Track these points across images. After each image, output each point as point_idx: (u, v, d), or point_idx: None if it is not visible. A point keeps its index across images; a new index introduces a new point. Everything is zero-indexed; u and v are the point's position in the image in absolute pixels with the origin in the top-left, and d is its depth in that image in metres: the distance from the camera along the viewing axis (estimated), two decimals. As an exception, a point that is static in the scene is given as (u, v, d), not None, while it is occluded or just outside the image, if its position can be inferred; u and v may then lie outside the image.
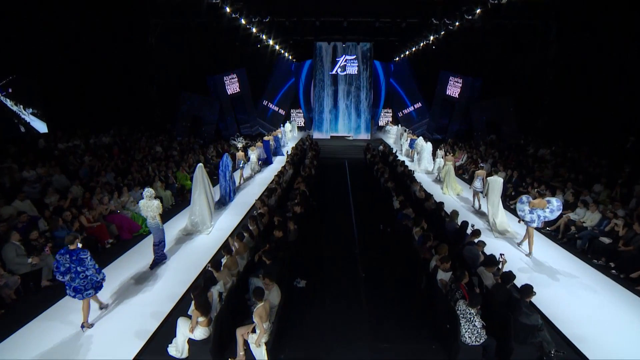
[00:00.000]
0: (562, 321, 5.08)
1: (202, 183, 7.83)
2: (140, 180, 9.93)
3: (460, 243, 6.48)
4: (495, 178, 8.30)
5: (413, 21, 15.28)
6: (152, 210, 6.20)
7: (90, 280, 4.63)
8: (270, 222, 7.27)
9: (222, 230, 8.20)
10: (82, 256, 4.55)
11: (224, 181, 9.70)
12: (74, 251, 4.51)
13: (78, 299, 4.63)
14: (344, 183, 13.18)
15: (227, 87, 19.76)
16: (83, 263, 4.55)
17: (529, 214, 7.03)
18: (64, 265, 4.45)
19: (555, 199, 7.11)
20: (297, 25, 15.58)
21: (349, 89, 21.67)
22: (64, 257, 4.45)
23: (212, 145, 15.31)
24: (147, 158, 11.92)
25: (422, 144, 14.29)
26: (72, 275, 4.50)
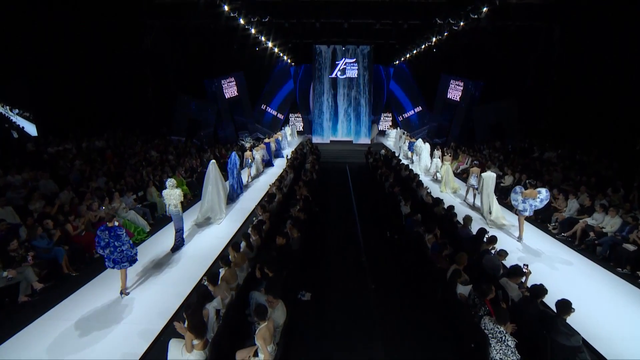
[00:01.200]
0: (597, 338, 4.58)
1: (215, 178, 8.39)
2: (134, 185, 9.40)
3: (476, 251, 5.99)
4: (489, 174, 8.68)
5: (415, 23, 14.93)
6: (174, 198, 6.83)
7: (126, 255, 5.20)
8: (272, 229, 6.76)
9: (219, 239, 7.67)
10: (119, 232, 5.15)
11: (232, 178, 10.06)
12: (112, 228, 5.10)
13: (116, 269, 5.23)
14: (346, 188, 12.70)
15: (225, 90, 19.33)
16: (119, 239, 5.15)
17: (522, 204, 7.45)
18: (104, 240, 5.06)
19: (545, 190, 7.49)
20: (297, 27, 15.18)
21: (349, 92, 21.27)
22: (104, 233, 5.06)
23: (209, 149, 14.81)
24: (142, 162, 11.40)
25: (420, 145, 14.36)
26: (110, 249, 5.09)
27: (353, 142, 21.60)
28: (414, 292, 5.87)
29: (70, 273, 5.87)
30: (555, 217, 8.62)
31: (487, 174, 8.65)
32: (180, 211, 6.94)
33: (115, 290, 5.48)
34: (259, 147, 13.83)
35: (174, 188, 6.85)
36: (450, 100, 19.31)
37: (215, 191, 8.39)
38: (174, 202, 6.83)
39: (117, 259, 5.14)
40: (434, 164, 13.03)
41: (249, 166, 12.02)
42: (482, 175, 8.76)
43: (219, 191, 8.47)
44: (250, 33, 13.35)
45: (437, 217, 7.60)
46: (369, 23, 15.93)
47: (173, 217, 6.94)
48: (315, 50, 20.60)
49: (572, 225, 7.98)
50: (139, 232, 7.71)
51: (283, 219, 7.90)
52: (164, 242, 7.44)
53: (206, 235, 7.91)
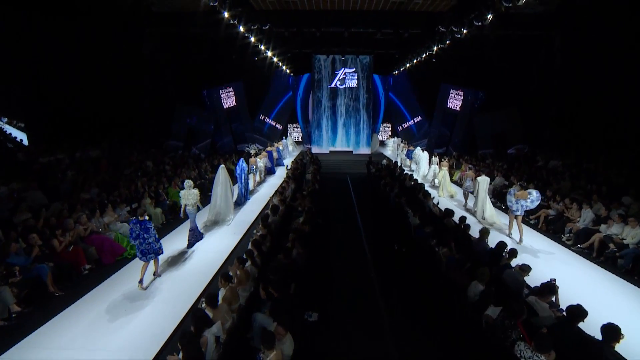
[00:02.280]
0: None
1: (224, 182, 8.71)
2: (128, 196, 8.90)
3: (494, 266, 5.54)
4: (483, 178, 9.22)
5: (415, 32, 14.79)
6: (192, 198, 7.20)
7: (152, 247, 5.62)
8: (275, 244, 6.28)
9: (218, 253, 7.14)
10: (148, 226, 5.60)
11: (240, 183, 10.31)
12: (143, 222, 5.54)
13: (143, 261, 5.61)
14: (349, 199, 12.27)
15: (224, 100, 19.03)
16: (148, 231, 5.57)
17: (515, 204, 7.74)
18: (135, 232, 5.50)
19: (535, 191, 7.80)
20: (296, 36, 14.98)
21: (349, 102, 21.01)
22: (136, 225, 5.51)
23: (206, 160, 14.37)
24: (137, 173, 10.92)
25: (419, 153, 14.52)
26: (140, 241, 5.50)
27: (353, 153, 21.23)
28: (430, 311, 5.38)
29: (54, 292, 5.32)
30: (569, 228, 8.20)
31: (482, 177, 9.18)
32: (196, 210, 7.37)
33: (103, 311, 4.96)
34: (262, 155, 14.07)
35: (191, 189, 7.28)
36: (450, 110, 19.10)
37: (224, 194, 8.74)
38: (191, 202, 7.22)
39: (144, 250, 5.58)
40: (432, 170, 13.14)
41: (254, 172, 12.39)
42: (477, 179, 9.34)
43: (227, 194, 8.82)
44: (249, 42, 13.08)
45: (449, 229, 7.15)
46: (368, 33, 15.80)
47: (190, 216, 7.33)
48: (315, 60, 20.41)
49: (589, 237, 7.55)
50: (132, 247, 7.15)
51: (285, 232, 7.44)
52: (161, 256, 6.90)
53: (204, 248, 7.39)
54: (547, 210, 9.10)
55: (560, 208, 8.81)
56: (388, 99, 22.78)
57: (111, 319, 4.83)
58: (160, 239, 7.74)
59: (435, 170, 12.79)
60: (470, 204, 10.18)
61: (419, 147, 15.43)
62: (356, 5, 14.17)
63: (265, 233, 6.21)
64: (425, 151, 14.79)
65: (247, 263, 5.24)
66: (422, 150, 14.82)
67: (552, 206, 9.09)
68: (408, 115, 22.34)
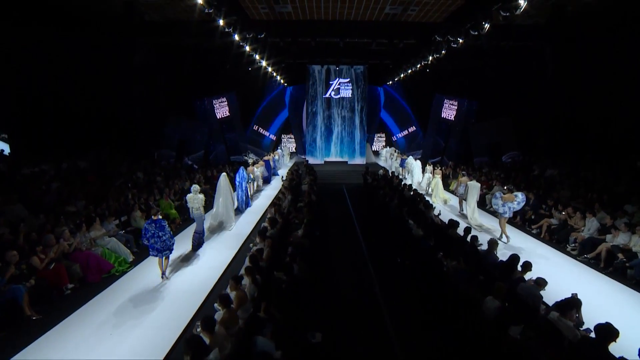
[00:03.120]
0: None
1: (225, 189, 8.96)
2: (117, 209, 8.43)
3: (507, 279, 5.24)
4: (474, 183, 9.83)
5: (410, 42, 14.79)
6: (197, 202, 7.51)
7: (166, 244, 5.94)
8: (273, 259, 5.89)
9: (212, 269, 6.70)
10: (163, 224, 5.95)
11: (240, 191, 10.45)
12: (157, 220, 5.90)
13: (158, 257, 5.98)
14: (346, 210, 11.94)
15: (217, 110, 18.71)
16: (163, 229, 5.91)
17: (502, 207, 8.16)
18: (150, 231, 5.80)
19: (521, 194, 8.26)
20: (292, 46, 14.84)
21: (343, 112, 20.89)
22: (151, 225, 5.83)
23: (200, 171, 13.94)
24: (127, 184, 10.44)
25: (412, 162, 14.72)
26: (155, 239, 5.81)
27: (348, 163, 21.00)
28: (441, 329, 5.03)
29: (31, 316, 4.81)
30: (574, 237, 7.99)
31: (472, 183, 9.83)
32: (202, 214, 7.61)
33: (85, 336, 4.49)
34: (259, 164, 14.16)
35: (198, 193, 7.58)
36: (444, 120, 19.09)
37: (224, 201, 8.95)
38: (196, 206, 7.49)
39: (159, 248, 5.89)
40: (426, 178, 13.39)
41: (251, 181, 12.50)
42: (467, 184, 9.83)
43: (228, 201, 9.04)
44: (244, 51, 12.88)
45: (455, 241, 6.86)
46: (363, 43, 15.76)
47: (196, 220, 7.57)
48: (309, 70, 20.31)
49: (595, 246, 7.35)
50: (120, 263, 6.71)
51: (284, 245, 7.06)
52: (150, 273, 6.44)
53: (197, 264, 6.95)
54: (549, 220, 8.91)
55: (563, 217, 8.63)
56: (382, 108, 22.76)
57: (94, 344, 4.36)
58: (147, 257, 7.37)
59: (429, 178, 13.07)
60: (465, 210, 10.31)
61: (411, 156, 15.65)
62: (350, 16, 14.15)
63: (262, 247, 5.81)
64: (418, 160, 15.02)
65: (244, 280, 4.85)
66: (415, 159, 14.99)
67: (554, 215, 8.90)
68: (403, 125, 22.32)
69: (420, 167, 14.34)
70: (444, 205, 11.63)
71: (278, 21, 14.12)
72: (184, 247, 7.57)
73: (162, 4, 12.63)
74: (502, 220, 8.24)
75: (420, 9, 13.25)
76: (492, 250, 6.00)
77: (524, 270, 5.21)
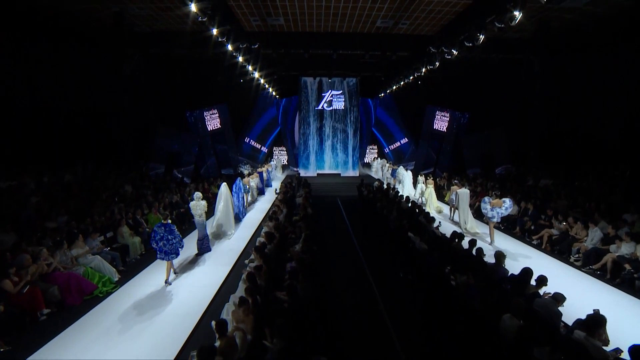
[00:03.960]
0: None
1: (226, 198, 9.16)
2: (105, 223, 7.90)
3: (520, 294, 4.94)
4: (463, 190, 10.06)
5: (403, 54, 14.85)
6: (200, 209, 7.73)
7: (174, 247, 6.15)
8: (272, 277, 5.48)
9: (206, 287, 6.23)
10: (172, 228, 6.18)
11: (237, 201, 10.50)
12: (167, 224, 6.14)
13: (165, 260, 6.15)
14: (342, 223, 11.59)
15: (208, 122, 18.27)
16: (173, 233, 6.14)
17: (490, 212, 8.58)
18: (159, 234, 5.99)
19: (508, 199, 8.66)
20: (284, 57, 14.71)
21: (336, 124, 20.73)
22: (161, 228, 6.05)
23: (192, 184, 13.45)
24: (114, 198, 9.89)
25: (403, 172, 14.87)
26: (164, 242, 6.01)
27: (341, 175, 20.73)
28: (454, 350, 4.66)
29: None
30: (577, 248, 7.82)
31: (462, 190, 10.06)
32: (204, 220, 7.84)
33: None
34: (254, 176, 14.27)
35: (200, 200, 7.84)
36: (436, 132, 19.11)
37: (224, 209, 9.14)
38: (199, 212, 7.73)
39: (168, 251, 6.10)
40: (419, 189, 13.45)
41: (247, 192, 12.59)
42: (457, 192, 10.08)
43: (229, 209, 9.24)
44: (236, 62, 12.66)
45: (460, 254, 6.56)
46: (355, 55, 15.77)
47: (197, 227, 7.81)
48: (301, 82, 20.19)
49: (600, 257, 7.17)
50: (104, 283, 6.17)
51: (281, 261, 6.65)
52: (137, 293, 5.94)
53: (189, 283, 6.45)
54: (550, 230, 8.74)
55: (563, 227, 8.47)
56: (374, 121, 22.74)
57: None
58: (139, 273, 6.87)
59: (422, 188, 13.24)
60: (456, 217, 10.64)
61: (402, 166, 15.90)
62: (342, 29, 14.15)
63: (260, 264, 5.40)
64: (409, 170, 15.15)
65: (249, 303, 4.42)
66: (406, 169, 15.14)
67: (555, 226, 8.74)
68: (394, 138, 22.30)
69: (411, 177, 14.54)
70: (438, 214, 11.78)
71: (271, 32, 13.99)
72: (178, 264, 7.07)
73: (153, 15, 12.36)
74: (491, 225, 8.80)
75: (411, 22, 13.34)
76: (501, 263, 5.73)
77: (538, 285, 4.92)
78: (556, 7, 11.23)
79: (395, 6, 11.73)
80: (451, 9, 11.88)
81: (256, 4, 11.44)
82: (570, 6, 11.28)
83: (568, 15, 12.22)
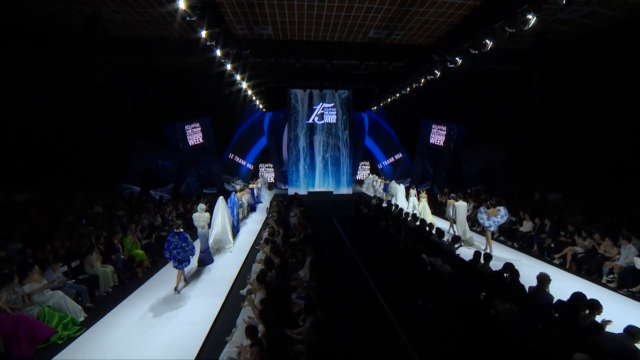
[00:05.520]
0: None
1: (223, 212, 9.31)
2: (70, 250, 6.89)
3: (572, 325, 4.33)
4: (461, 203, 10.45)
5: (400, 65, 14.68)
6: (203, 220, 7.99)
7: (187, 255, 6.59)
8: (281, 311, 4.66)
9: (195, 326, 5.30)
10: (185, 236, 6.70)
11: (232, 216, 10.54)
12: (180, 233, 6.62)
13: (179, 268, 6.56)
14: (342, 245, 10.85)
15: (189, 137, 17.46)
16: (186, 240, 6.64)
17: (487, 221, 9.04)
18: (173, 243, 6.47)
19: (503, 208, 9.17)
20: (274, 67, 14.23)
21: (327, 139, 20.23)
22: (175, 237, 6.52)
23: (171, 204, 12.47)
24: (81, 220, 8.84)
25: (395, 186, 15.21)
26: (178, 250, 6.47)
27: (333, 193, 20.07)
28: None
29: None
30: (609, 267, 7.36)
31: (459, 203, 10.45)
32: (207, 232, 8.17)
33: None
34: (245, 191, 14.25)
35: (204, 212, 8.07)
36: (433, 146, 18.94)
37: (222, 223, 9.24)
38: (202, 224, 7.96)
39: (181, 259, 6.45)
40: (411, 203, 13.64)
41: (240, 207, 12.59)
42: (455, 205, 10.46)
43: (226, 223, 9.33)
44: (223, 71, 12.10)
45: (490, 278, 5.94)
46: (348, 66, 15.52)
47: (200, 238, 7.97)
48: (291, 94, 19.74)
49: (638, 277, 6.72)
50: (66, 325, 5.15)
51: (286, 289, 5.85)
52: (108, 337, 4.97)
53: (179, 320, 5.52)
54: (573, 248, 8.30)
55: (589, 244, 8.05)
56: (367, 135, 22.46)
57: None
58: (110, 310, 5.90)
59: (415, 203, 13.41)
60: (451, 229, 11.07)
61: (393, 181, 16.30)
62: (333, 39, 13.90)
63: (266, 296, 4.57)
64: (401, 184, 15.42)
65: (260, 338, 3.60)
66: (398, 183, 15.48)
67: (578, 243, 8.32)
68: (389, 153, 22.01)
69: (403, 191, 14.85)
70: None
71: (261, 40, 13.56)
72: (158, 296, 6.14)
73: (130, 20, 11.67)
74: (488, 234, 9.18)
75: (405, 33, 13.25)
76: (544, 287, 5.12)
77: (591, 312, 4.33)
78: (551, 18, 11.44)
79: (389, 16, 11.60)
80: (447, 20, 11.81)
81: (243, 10, 11.01)
82: (566, 18, 11.47)
83: (564, 28, 12.44)
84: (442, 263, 6.41)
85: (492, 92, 16.74)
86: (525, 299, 5.02)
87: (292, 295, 5.70)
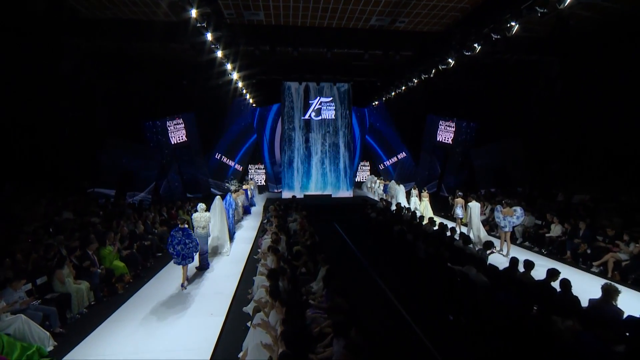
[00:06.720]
0: None
1: (220, 212, 9.34)
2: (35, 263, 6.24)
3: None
4: (474, 203, 10.55)
5: (407, 54, 14.38)
6: (204, 221, 8.17)
7: (191, 251, 6.95)
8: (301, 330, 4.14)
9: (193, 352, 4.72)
10: (189, 232, 7.02)
11: (228, 218, 10.43)
12: (184, 229, 6.95)
13: (182, 265, 6.92)
14: (349, 253, 10.39)
15: (171, 134, 16.86)
16: (190, 237, 7.00)
17: (503, 221, 9.34)
18: (177, 238, 6.82)
19: (519, 208, 9.51)
20: (268, 56, 13.75)
21: (325, 136, 19.74)
22: (179, 232, 6.87)
23: (153, 209, 11.81)
24: (47, 230, 8.15)
25: (395, 187, 15.67)
26: (181, 246, 6.82)
27: (332, 196, 19.58)
28: None
29: None
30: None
31: (472, 203, 10.53)
32: (207, 233, 8.30)
33: None
34: (239, 193, 14.25)
35: (204, 212, 8.22)
36: (440, 144, 18.71)
37: (219, 225, 9.33)
38: (202, 225, 8.09)
39: (185, 255, 6.84)
40: (413, 203, 14.09)
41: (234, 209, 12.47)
42: (468, 205, 10.59)
43: (223, 225, 9.44)
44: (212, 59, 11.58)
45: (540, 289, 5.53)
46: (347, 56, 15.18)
47: (200, 240, 7.79)
48: (285, 87, 19.22)
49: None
50: (31, 358, 4.51)
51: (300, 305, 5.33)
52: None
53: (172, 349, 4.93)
54: (615, 255, 8.02)
55: (634, 250, 7.77)
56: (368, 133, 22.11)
57: None
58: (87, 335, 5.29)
59: (416, 202, 13.82)
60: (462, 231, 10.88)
61: (393, 181, 16.82)
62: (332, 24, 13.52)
63: (285, 315, 4.03)
64: (401, 184, 15.92)
65: None
66: (398, 183, 15.94)
67: (622, 248, 8.04)
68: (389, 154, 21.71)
69: (404, 191, 15.31)
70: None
71: (253, 26, 13.08)
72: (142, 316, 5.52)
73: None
74: (503, 234, 9.49)
75: (410, 20, 13.00)
76: (610, 300, 4.73)
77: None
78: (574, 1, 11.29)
79: (394, 2, 11.34)
80: (456, 5, 11.60)
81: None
82: (589, 2, 11.32)
83: (586, 13, 12.32)
84: (476, 273, 5.99)
85: (505, 85, 16.57)
86: (587, 315, 4.63)
87: (307, 312, 5.18)
